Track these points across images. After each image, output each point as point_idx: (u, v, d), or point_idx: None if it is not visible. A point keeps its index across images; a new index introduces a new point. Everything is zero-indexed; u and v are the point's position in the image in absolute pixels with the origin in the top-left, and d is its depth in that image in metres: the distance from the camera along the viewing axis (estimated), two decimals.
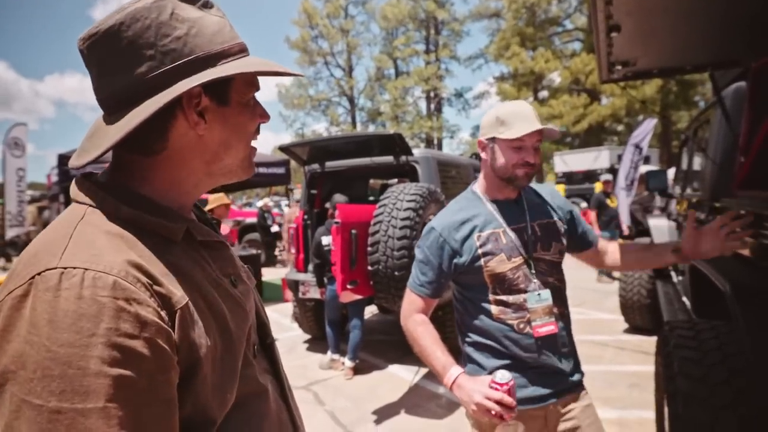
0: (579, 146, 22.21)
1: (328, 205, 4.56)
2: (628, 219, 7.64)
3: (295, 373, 4.19)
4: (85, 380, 0.47)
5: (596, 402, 3.26)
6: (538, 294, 1.36)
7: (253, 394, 0.67)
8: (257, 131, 0.70)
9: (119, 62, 0.60)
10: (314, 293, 4.35)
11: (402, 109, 28.45)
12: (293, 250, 4.93)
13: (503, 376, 1.14)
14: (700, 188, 2.70)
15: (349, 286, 3.52)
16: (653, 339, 2.09)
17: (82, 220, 0.57)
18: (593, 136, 22.96)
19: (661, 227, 4.38)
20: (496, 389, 1.12)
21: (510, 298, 1.36)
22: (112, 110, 0.61)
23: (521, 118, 1.34)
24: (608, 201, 7.37)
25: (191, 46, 0.61)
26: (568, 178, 17.68)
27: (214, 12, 0.65)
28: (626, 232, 7.57)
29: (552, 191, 1.55)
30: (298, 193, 8.20)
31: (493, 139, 1.39)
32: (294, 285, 4.57)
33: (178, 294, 0.56)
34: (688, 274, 2.47)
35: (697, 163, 2.93)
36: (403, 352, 4.33)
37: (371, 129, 28.50)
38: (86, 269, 0.50)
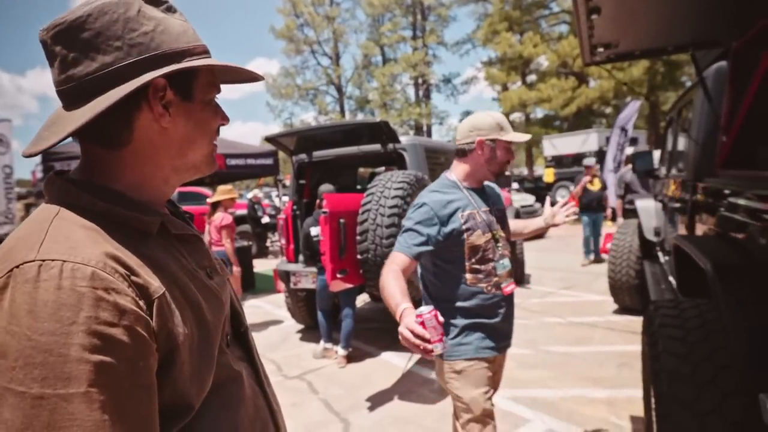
0: (568, 130, 22.24)
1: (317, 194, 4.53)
2: (614, 201, 7.71)
3: (289, 362, 4.20)
4: (66, 367, 0.48)
5: (586, 382, 3.34)
6: (503, 262, 1.74)
7: (229, 380, 0.69)
8: (217, 131, 0.73)
9: (84, 52, 0.60)
10: (306, 283, 4.35)
11: (390, 97, 28.23)
12: (283, 241, 4.92)
13: (423, 309, 1.28)
14: (684, 168, 2.72)
15: (339, 276, 3.52)
16: (641, 319, 2.12)
17: (57, 216, 0.57)
18: (582, 119, 23.01)
19: (648, 208, 4.42)
20: (417, 320, 1.28)
21: (482, 266, 1.71)
22: (74, 100, 0.62)
23: (510, 126, 1.77)
24: (589, 185, 7.40)
25: (158, 41, 0.63)
26: (558, 161, 17.74)
27: (178, 16, 0.68)
28: (609, 215, 7.66)
29: (495, 188, 1.94)
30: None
31: (494, 140, 1.71)
32: (285, 276, 4.56)
33: (155, 284, 0.58)
34: (673, 254, 2.50)
35: (681, 143, 2.95)
36: (396, 339, 4.35)
37: (360, 117, 28.30)
38: (64, 261, 0.52)
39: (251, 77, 0.71)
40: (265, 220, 10.88)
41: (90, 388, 0.49)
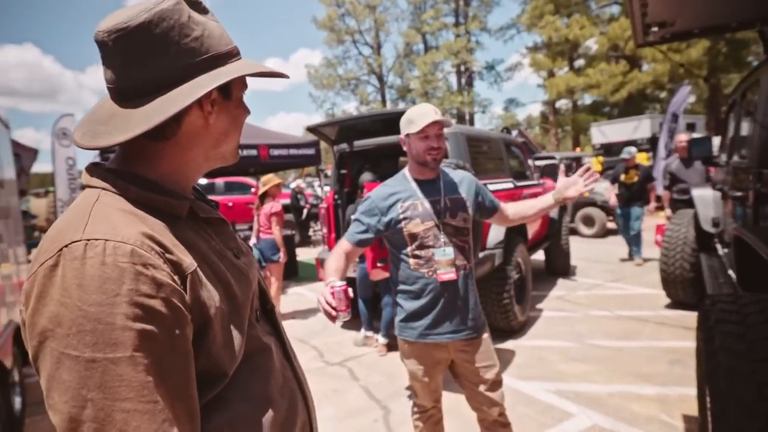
0: (618, 116, 21.22)
1: (358, 183, 4.57)
2: (662, 191, 7.24)
3: (330, 349, 4.29)
4: (113, 334, 0.55)
5: (635, 378, 3.22)
6: (443, 250, 1.81)
7: (258, 351, 0.75)
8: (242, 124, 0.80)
9: (147, 55, 0.66)
10: (347, 272, 4.40)
11: (432, 85, 27.90)
12: (325, 230, 4.99)
13: (336, 282, 1.51)
14: (747, 155, 2.53)
15: (379, 264, 3.54)
16: (696, 314, 2.01)
17: (97, 201, 0.64)
18: (633, 105, 21.85)
19: (705, 198, 4.16)
20: (330, 291, 1.49)
21: (422, 253, 1.83)
22: (130, 98, 0.67)
23: (422, 115, 1.79)
24: (624, 177, 6.81)
25: (207, 45, 0.70)
26: (606, 149, 16.97)
27: (211, 17, 0.74)
28: (652, 208, 7.02)
29: (466, 177, 1.98)
30: None
31: (408, 135, 1.84)
32: None
33: (188, 261, 0.64)
34: (733, 246, 2.35)
35: (745, 128, 2.74)
36: None
37: (401, 106, 28.17)
38: (107, 240, 0.58)
39: (278, 75, 0.76)
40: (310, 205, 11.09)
41: (134, 352, 0.55)
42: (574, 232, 9.73)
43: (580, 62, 23.79)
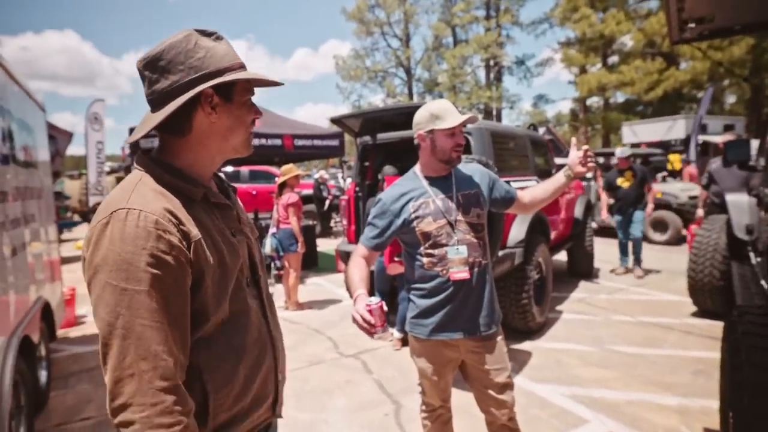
0: (651, 115, 20.56)
1: (379, 176, 4.56)
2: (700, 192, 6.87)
3: (346, 341, 4.31)
4: (138, 273, 0.82)
5: (655, 387, 3.14)
6: (456, 248, 1.79)
7: (242, 311, 1.00)
8: (253, 123, 1.02)
9: (162, 74, 0.93)
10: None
11: (460, 79, 27.56)
12: (345, 222, 5.00)
13: (372, 300, 1.54)
14: None
15: (396, 258, 3.52)
16: (724, 324, 1.93)
17: (140, 181, 0.91)
18: (668, 105, 21.13)
19: (739, 203, 3.99)
20: (366, 308, 1.52)
21: (435, 251, 1.81)
22: (156, 105, 0.95)
23: (450, 112, 1.79)
24: (620, 180, 6.27)
25: (208, 63, 0.94)
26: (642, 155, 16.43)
27: (224, 43, 0.98)
28: (650, 213, 6.34)
29: (477, 170, 1.95)
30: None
31: (431, 131, 1.80)
32: (346, 256, 4.64)
33: (194, 232, 0.89)
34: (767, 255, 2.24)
35: None
36: None
37: (428, 100, 27.92)
38: (141, 210, 0.85)
39: (274, 82, 1.00)
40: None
41: (150, 288, 0.82)
42: (643, 238, 8.72)
43: (614, 59, 23.09)
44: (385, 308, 1.54)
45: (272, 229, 5.40)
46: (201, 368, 0.92)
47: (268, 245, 5.42)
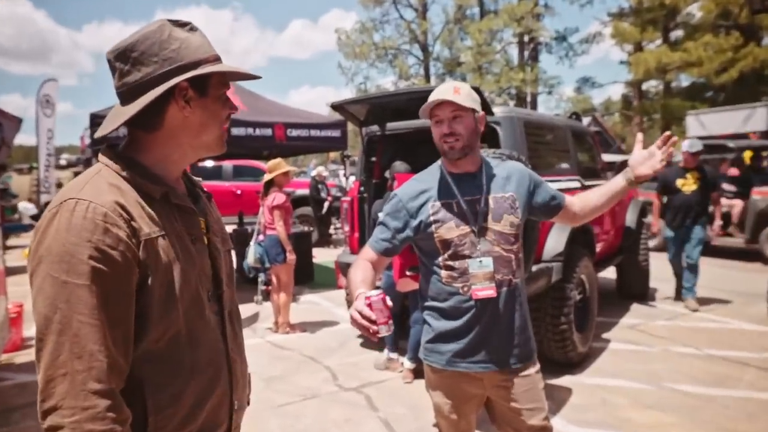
0: (724, 103, 20.41)
1: (387, 174, 4.58)
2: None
3: (346, 371, 4.33)
4: (79, 266, 0.91)
5: None
6: (480, 261, 1.79)
7: (197, 327, 1.08)
8: (228, 118, 1.14)
9: (134, 66, 1.04)
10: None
11: (487, 58, 27.56)
12: (347, 228, 5.03)
13: (372, 292, 1.55)
14: None
15: (408, 273, 3.53)
16: None
17: (97, 174, 1.03)
18: (745, 90, 20.97)
19: None
20: (366, 302, 1.51)
21: (456, 263, 1.81)
22: (126, 98, 1.06)
23: (435, 94, 1.81)
24: (680, 182, 5.82)
25: (182, 55, 1.05)
26: (706, 145, 16.31)
27: (198, 34, 1.11)
28: (716, 230, 6.20)
29: (516, 169, 1.95)
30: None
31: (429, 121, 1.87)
32: (347, 269, 4.67)
33: (146, 230, 1.00)
34: None
35: None
36: None
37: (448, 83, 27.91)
38: (90, 201, 0.95)
39: (250, 77, 1.13)
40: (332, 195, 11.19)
41: (91, 283, 0.91)
42: (757, 256, 8.59)
43: (677, 33, 23.00)
44: (389, 302, 1.54)
45: (258, 236, 5.44)
46: (144, 384, 1.00)
47: (251, 255, 5.46)
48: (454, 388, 1.90)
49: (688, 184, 5.80)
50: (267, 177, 5.28)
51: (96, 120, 6.01)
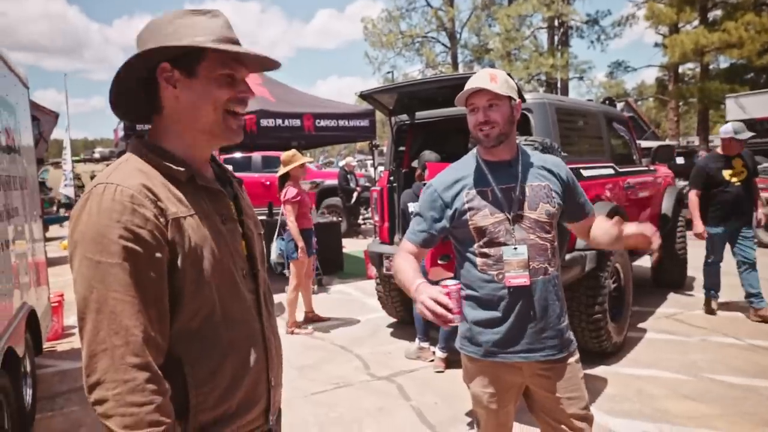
0: (765, 86, 19.66)
1: (415, 164, 4.56)
2: None
3: (378, 360, 4.36)
4: (111, 246, 0.96)
5: None
6: (515, 248, 1.80)
7: (234, 304, 1.12)
8: (238, 102, 1.12)
9: (144, 45, 1.08)
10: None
11: (516, 44, 27.12)
12: (376, 218, 5.03)
13: (449, 281, 1.59)
14: None
15: (440, 262, 3.53)
16: None
17: (126, 161, 1.08)
18: None
19: None
20: (444, 290, 1.53)
21: (491, 251, 1.83)
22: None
23: (470, 82, 1.81)
24: (727, 173, 5.05)
25: (179, 36, 1.06)
26: (747, 128, 15.76)
27: (216, 20, 1.11)
28: (763, 222, 5.27)
29: (553, 161, 1.97)
30: None
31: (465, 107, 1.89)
32: (377, 259, 4.68)
33: (173, 210, 1.03)
34: None
35: None
36: None
37: (477, 71, 27.63)
38: (117, 185, 1.00)
39: (246, 54, 1.08)
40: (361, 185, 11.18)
41: (123, 261, 0.96)
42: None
43: (716, 13, 22.19)
44: (463, 292, 1.59)
45: (282, 232, 5.45)
46: (182, 361, 1.04)
47: (274, 251, 5.48)
48: (493, 377, 1.90)
49: (736, 174, 5.08)
50: (282, 170, 5.17)
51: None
